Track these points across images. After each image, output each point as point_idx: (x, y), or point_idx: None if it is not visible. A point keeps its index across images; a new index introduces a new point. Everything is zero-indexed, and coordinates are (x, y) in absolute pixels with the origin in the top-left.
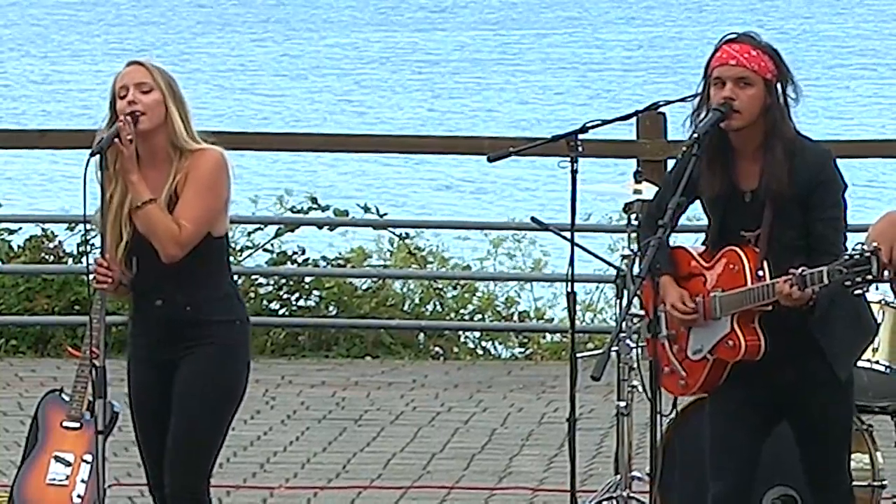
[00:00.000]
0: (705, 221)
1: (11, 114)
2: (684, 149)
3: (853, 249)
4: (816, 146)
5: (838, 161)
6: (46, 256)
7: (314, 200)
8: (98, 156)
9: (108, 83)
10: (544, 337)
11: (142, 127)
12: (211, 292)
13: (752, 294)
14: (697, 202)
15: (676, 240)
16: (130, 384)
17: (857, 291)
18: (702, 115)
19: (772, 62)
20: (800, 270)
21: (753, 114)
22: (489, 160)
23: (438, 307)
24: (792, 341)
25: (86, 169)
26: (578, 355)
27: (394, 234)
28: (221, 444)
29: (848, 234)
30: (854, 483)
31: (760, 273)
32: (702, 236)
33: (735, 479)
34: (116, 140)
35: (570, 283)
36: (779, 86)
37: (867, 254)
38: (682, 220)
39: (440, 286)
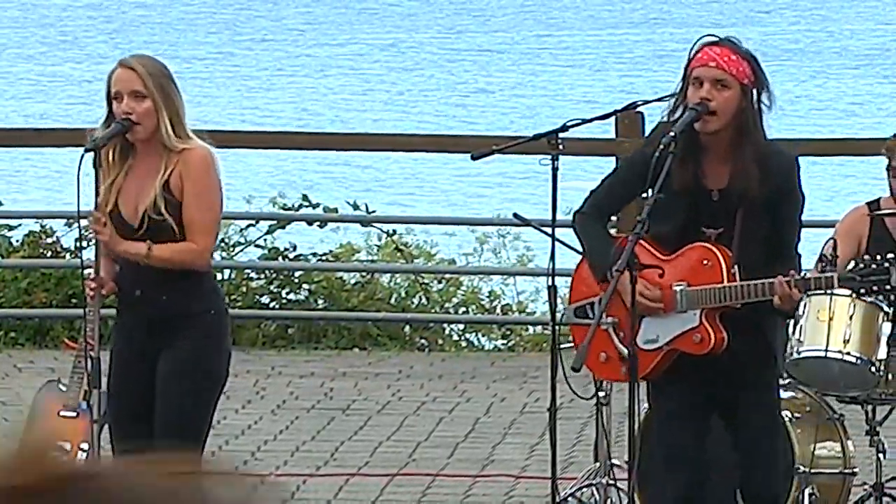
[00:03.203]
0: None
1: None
2: (661, 146)
3: (869, 258)
4: (784, 152)
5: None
6: (44, 252)
7: (305, 198)
8: (92, 152)
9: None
10: (526, 329)
11: (137, 137)
12: (189, 284)
13: (740, 291)
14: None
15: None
16: (110, 374)
17: (866, 299)
18: (677, 114)
19: (749, 68)
20: (803, 274)
21: (728, 116)
22: (473, 158)
23: (424, 301)
24: (740, 336)
25: (80, 165)
26: (559, 347)
27: (381, 230)
28: (208, 432)
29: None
30: (826, 471)
31: (734, 271)
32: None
33: (688, 480)
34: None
35: (551, 278)
36: (754, 92)
37: (885, 264)
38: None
39: (426, 280)
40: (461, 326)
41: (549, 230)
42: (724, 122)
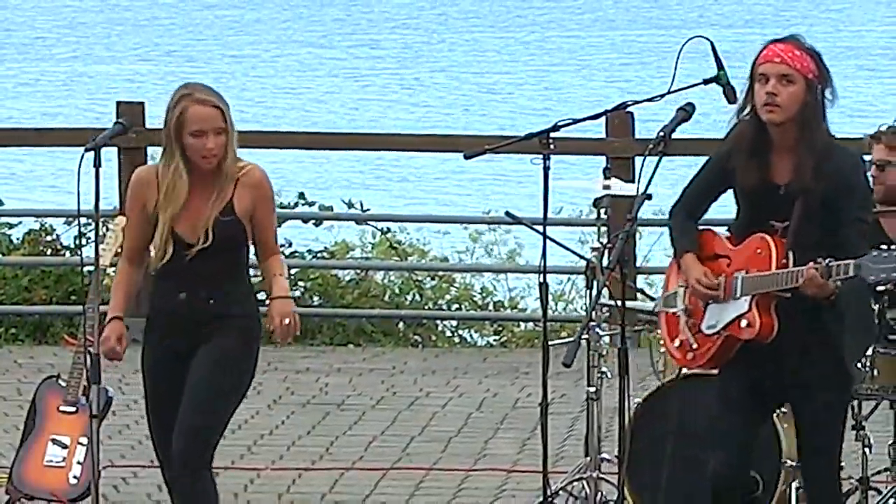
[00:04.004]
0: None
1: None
2: (650, 147)
3: (888, 248)
4: (847, 150)
5: None
6: (44, 250)
7: (301, 196)
8: (92, 152)
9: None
10: (518, 325)
11: (211, 167)
12: (233, 288)
13: (778, 279)
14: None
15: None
16: (146, 369)
17: (880, 288)
18: (746, 111)
19: (814, 63)
20: (826, 261)
21: (793, 110)
22: (465, 157)
23: (417, 297)
24: (802, 330)
25: (79, 165)
26: (550, 343)
27: (376, 228)
28: (223, 429)
29: None
30: None
31: (785, 261)
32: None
33: (727, 459)
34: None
35: (542, 275)
36: (819, 87)
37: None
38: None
39: (419, 277)
40: (454, 323)
41: (540, 228)
42: (789, 115)
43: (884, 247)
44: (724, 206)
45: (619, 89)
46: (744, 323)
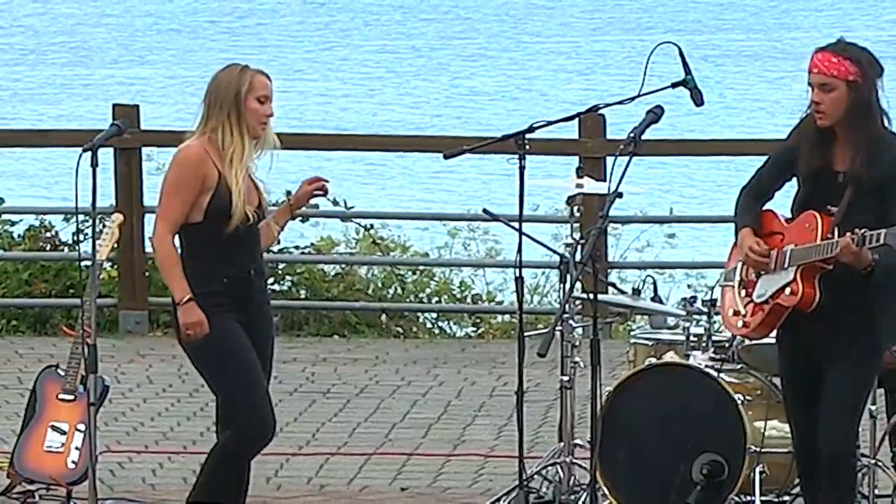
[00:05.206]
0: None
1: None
2: (621, 147)
3: None
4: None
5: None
6: (44, 245)
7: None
8: (90, 152)
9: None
10: (495, 318)
11: (263, 133)
12: (261, 263)
13: (818, 249)
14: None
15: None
16: (223, 336)
17: None
18: (807, 111)
19: (853, 65)
20: (862, 231)
21: (837, 113)
22: (445, 157)
23: (399, 291)
24: (841, 300)
25: (78, 164)
26: (526, 334)
27: (359, 224)
28: None
29: None
30: (776, 450)
31: (830, 236)
32: None
33: (809, 442)
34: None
35: (518, 269)
36: (864, 85)
37: None
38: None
39: (401, 272)
40: (434, 315)
41: (516, 224)
42: (835, 119)
43: None
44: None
45: (597, 91)
46: (788, 291)
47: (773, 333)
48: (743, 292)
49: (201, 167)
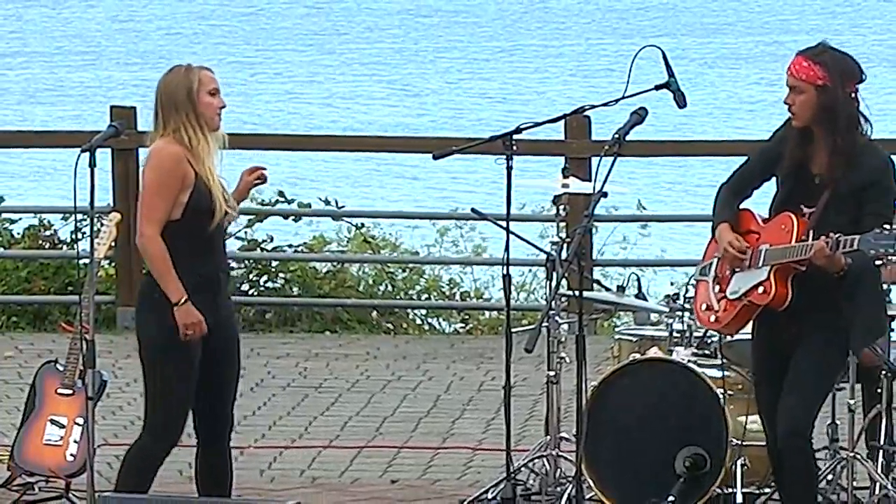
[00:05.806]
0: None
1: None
2: (606, 148)
3: (889, 227)
4: (876, 149)
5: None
6: (43, 243)
7: (281, 194)
8: (88, 153)
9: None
10: (483, 314)
11: (218, 125)
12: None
13: (792, 250)
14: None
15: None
16: (217, 341)
17: (877, 262)
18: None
19: (823, 70)
20: (836, 236)
21: (806, 116)
22: (434, 157)
23: (390, 288)
24: (815, 300)
25: (76, 164)
26: (513, 330)
27: (351, 223)
28: None
29: None
30: (756, 443)
31: (804, 238)
32: None
33: (775, 436)
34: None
35: (505, 267)
36: (835, 90)
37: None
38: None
39: (391, 269)
40: (423, 311)
41: (503, 223)
42: (805, 121)
43: (886, 226)
44: None
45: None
46: (760, 290)
47: (749, 329)
48: (717, 288)
49: (180, 166)
